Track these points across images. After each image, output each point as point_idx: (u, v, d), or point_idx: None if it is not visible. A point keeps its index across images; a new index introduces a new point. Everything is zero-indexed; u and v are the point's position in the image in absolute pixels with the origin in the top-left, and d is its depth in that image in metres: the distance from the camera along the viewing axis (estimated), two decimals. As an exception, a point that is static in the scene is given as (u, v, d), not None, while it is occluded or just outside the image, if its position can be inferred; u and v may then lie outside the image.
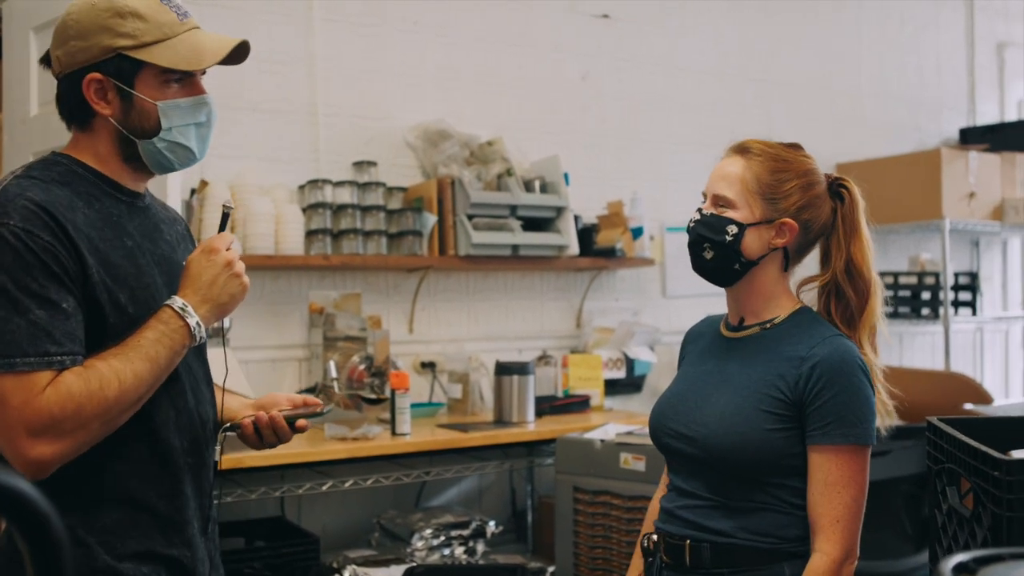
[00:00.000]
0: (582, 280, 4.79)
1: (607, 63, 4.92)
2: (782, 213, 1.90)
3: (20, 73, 3.45)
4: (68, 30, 1.62)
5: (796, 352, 1.86)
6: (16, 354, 1.44)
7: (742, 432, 1.84)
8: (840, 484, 1.80)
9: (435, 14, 4.44)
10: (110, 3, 1.60)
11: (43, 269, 1.48)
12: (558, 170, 4.35)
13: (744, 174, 1.91)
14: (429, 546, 3.63)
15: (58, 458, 1.46)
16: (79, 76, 1.61)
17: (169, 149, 1.66)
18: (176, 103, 1.65)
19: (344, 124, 4.19)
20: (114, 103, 1.63)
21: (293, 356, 4.02)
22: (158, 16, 1.62)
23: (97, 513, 1.57)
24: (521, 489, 4.41)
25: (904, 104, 6.04)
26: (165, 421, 1.63)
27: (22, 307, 1.46)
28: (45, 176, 1.59)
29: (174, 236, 1.79)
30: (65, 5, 3.15)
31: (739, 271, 1.93)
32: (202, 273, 1.62)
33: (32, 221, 1.48)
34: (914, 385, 4.78)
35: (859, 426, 1.81)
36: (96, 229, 1.57)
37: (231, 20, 3.89)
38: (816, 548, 1.80)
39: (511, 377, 3.89)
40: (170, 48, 1.62)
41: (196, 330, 1.59)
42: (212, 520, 1.78)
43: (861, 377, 1.83)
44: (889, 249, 5.80)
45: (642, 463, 3.18)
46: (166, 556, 1.63)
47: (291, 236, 3.81)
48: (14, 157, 3.49)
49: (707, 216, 1.93)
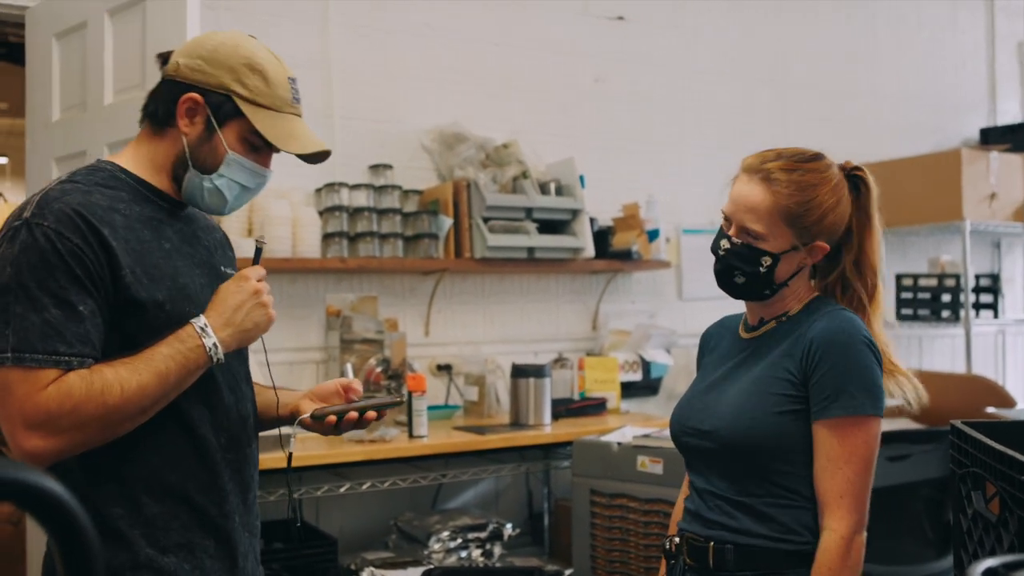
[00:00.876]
0: (598, 282, 4.79)
1: (621, 65, 4.92)
2: (814, 237, 1.87)
3: (43, 79, 3.47)
4: (203, 49, 1.70)
5: (801, 331, 1.85)
6: (27, 349, 1.50)
7: (753, 416, 1.82)
8: (842, 459, 1.77)
9: (449, 18, 4.44)
10: (251, 55, 1.70)
11: (66, 271, 1.52)
12: (573, 173, 4.34)
13: (771, 206, 1.84)
14: (446, 548, 3.63)
15: (52, 453, 1.51)
16: (184, 88, 1.69)
17: (209, 192, 1.72)
18: (242, 161, 1.72)
19: (360, 128, 4.20)
20: (196, 128, 1.70)
21: (310, 359, 4.03)
22: (279, 89, 1.71)
23: (140, 505, 1.61)
24: (538, 492, 4.41)
25: (923, 105, 6.01)
26: (201, 418, 1.68)
27: (40, 305, 1.51)
28: (88, 181, 1.64)
29: (212, 242, 1.84)
30: (85, 10, 3.18)
31: (769, 294, 1.92)
32: (228, 297, 1.67)
33: (65, 224, 1.54)
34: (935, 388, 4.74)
35: (858, 397, 1.77)
36: (134, 231, 1.63)
37: (248, 26, 3.90)
38: (824, 525, 1.78)
39: (527, 380, 3.89)
40: (271, 118, 1.70)
41: (212, 351, 1.62)
42: (256, 515, 1.82)
43: (861, 347, 1.80)
44: (908, 251, 5.77)
45: (659, 466, 3.17)
46: (207, 549, 1.67)
47: (308, 239, 3.82)
48: (36, 161, 3.52)
49: (739, 247, 1.89)
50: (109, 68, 3.14)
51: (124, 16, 3.11)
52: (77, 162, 3.13)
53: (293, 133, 1.72)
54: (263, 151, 1.74)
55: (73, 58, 3.32)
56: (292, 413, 1.88)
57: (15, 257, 1.53)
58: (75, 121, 3.31)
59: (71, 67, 3.34)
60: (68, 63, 3.36)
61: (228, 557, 1.71)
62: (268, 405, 1.91)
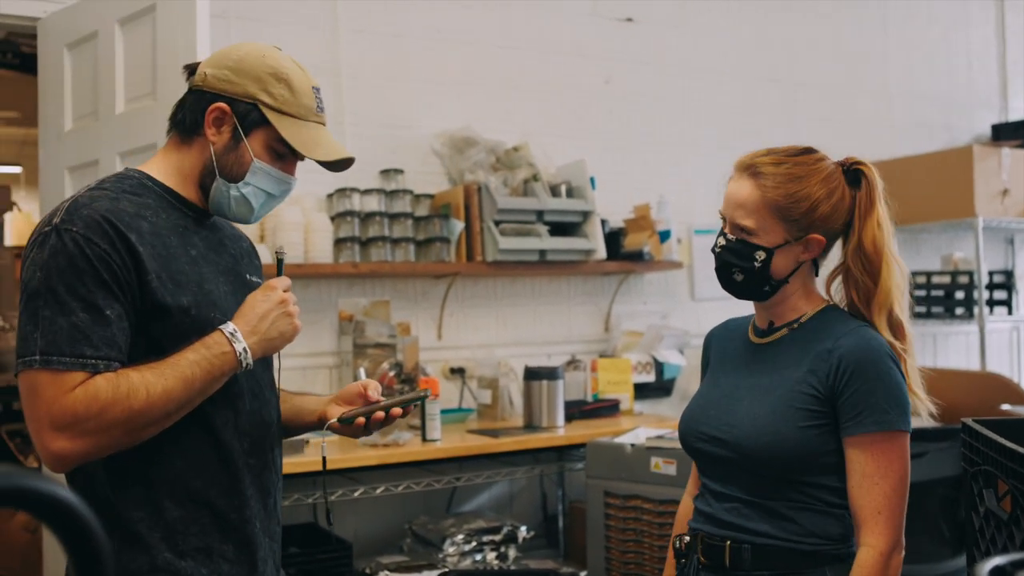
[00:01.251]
0: (610, 284, 4.79)
1: (630, 66, 4.92)
2: (807, 230, 1.87)
3: (55, 89, 3.50)
4: (229, 60, 1.74)
5: (823, 346, 1.84)
6: (54, 352, 1.52)
7: (777, 430, 1.82)
8: (877, 474, 1.77)
9: (458, 22, 4.46)
10: (276, 64, 1.74)
11: (94, 276, 1.56)
12: (584, 174, 4.35)
13: (759, 200, 1.87)
14: (461, 551, 3.64)
15: (78, 455, 1.54)
16: (211, 98, 1.73)
17: (236, 200, 1.75)
18: (268, 169, 1.75)
19: (371, 133, 4.22)
20: (223, 137, 1.73)
21: (323, 363, 4.04)
22: (303, 98, 1.74)
23: (162, 509, 1.64)
24: (552, 494, 4.41)
25: (934, 102, 5.99)
26: (224, 423, 1.70)
27: (67, 309, 1.54)
28: (116, 188, 1.68)
29: (238, 251, 1.87)
30: (96, 20, 3.20)
31: (770, 291, 1.92)
32: (256, 306, 1.69)
33: (93, 229, 1.57)
34: (949, 386, 4.73)
35: (891, 412, 1.78)
36: (161, 237, 1.66)
37: (259, 34, 3.92)
38: (861, 542, 1.78)
39: (540, 382, 3.90)
40: (296, 126, 1.73)
41: (243, 356, 1.64)
42: (277, 520, 1.83)
43: (889, 364, 1.80)
44: (921, 248, 5.76)
45: (673, 467, 3.17)
46: (225, 553, 1.69)
47: (320, 244, 3.84)
48: (49, 171, 3.54)
49: (732, 243, 1.90)
50: (120, 77, 3.16)
51: (134, 26, 3.13)
52: (90, 171, 3.15)
53: (318, 141, 1.75)
54: (288, 159, 1.77)
55: (84, 68, 3.35)
56: (320, 419, 1.90)
57: (45, 262, 1.56)
58: (87, 130, 3.33)
59: (82, 77, 3.36)
60: (80, 73, 3.38)
61: (247, 562, 1.72)
62: (297, 412, 1.94)
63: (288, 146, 1.73)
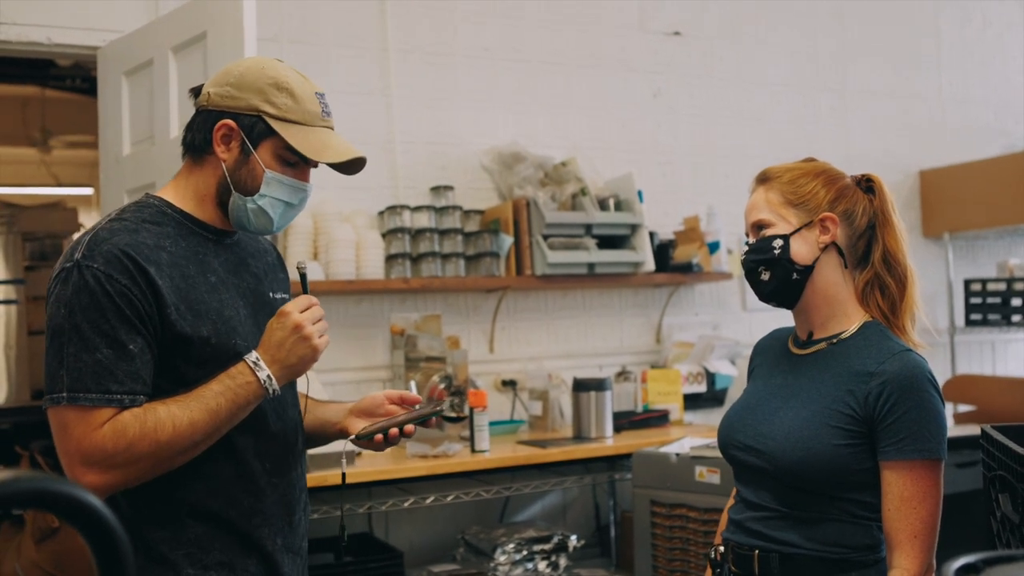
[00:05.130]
0: (660, 296, 4.82)
1: (679, 79, 4.95)
2: (816, 211, 1.95)
3: (114, 114, 3.64)
4: (230, 76, 1.77)
5: (865, 367, 1.87)
6: (81, 390, 1.57)
7: (810, 447, 1.85)
8: (916, 499, 1.80)
9: (505, 39, 4.53)
10: (276, 74, 1.76)
11: (116, 312, 1.60)
12: (632, 188, 4.38)
13: (769, 195, 1.99)
14: (512, 560, 3.69)
15: (108, 487, 1.59)
16: (217, 117, 1.75)
17: (255, 213, 1.77)
18: (281, 179, 1.77)
19: (420, 151, 4.31)
20: (233, 152, 1.76)
21: (376, 377, 4.13)
22: (307, 104, 1.76)
23: (183, 528, 1.68)
24: (604, 504, 4.45)
25: (989, 107, 5.91)
26: (246, 446, 1.74)
27: (92, 345, 1.59)
28: (136, 218, 1.72)
29: (262, 268, 1.90)
30: (151, 49, 3.33)
31: (799, 281, 1.95)
32: (272, 334, 1.71)
33: (113, 265, 1.61)
34: (1007, 393, 4.68)
35: (932, 440, 1.81)
36: (179, 267, 1.69)
37: (311, 57, 4.04)
38: (894, 564, 1.81)
39: (589, 393, 3.94)
40: (303, 133, 1.75)
41: (267, 383, 1.68)
42: (302, 536, 1.86)
43: (932, 392, 1.83)
44: (978, 256, 5.68)
45: (717, 476, 3.20)
46: (248, 568, 1.73)
47: (371, 261, 3.93)
48: (110, 194, 3.69)
49: (753, 244, 2.00)
50: (174, 103, 3.28)
51: (187, 53, 3.25)
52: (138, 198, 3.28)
53: (326, 144, 1.76)
54: (299, 166, 1.78)
55: (141, 94, 3.48)
56: (340, 431, 1.94)
57: (68, 299, 1.60)
58: (144, 154, 3.46)
59: (139, 103, 3.49)
60: (136, 99, 3.51)
61: None
62: (321, 424, 1.96)
63: (297, 153, 1.74)
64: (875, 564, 1.87)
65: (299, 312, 1.71)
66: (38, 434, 5.14)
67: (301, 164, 1.79)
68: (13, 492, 0.79)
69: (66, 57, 4.35)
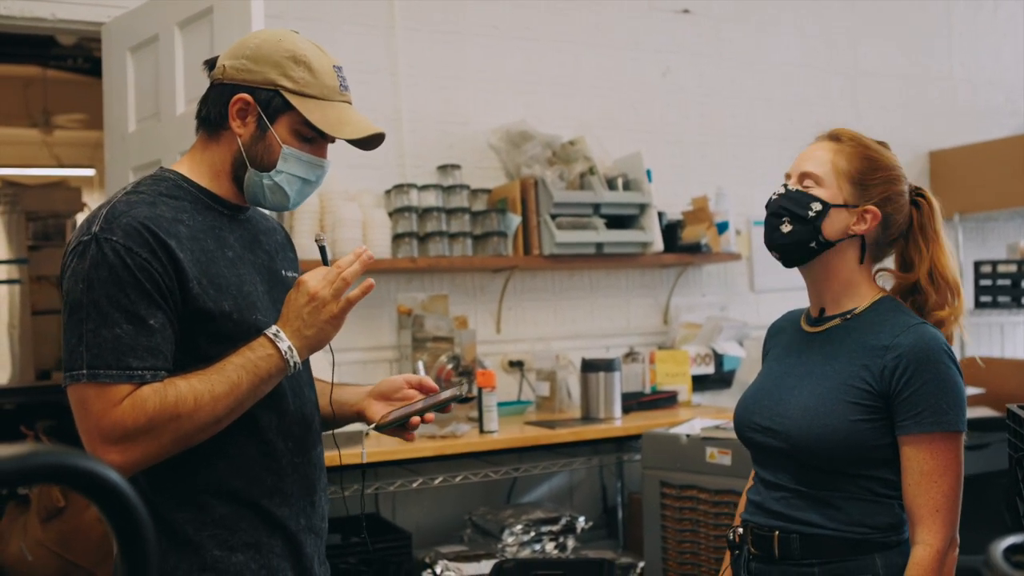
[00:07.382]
0: (668, 276, 4.79)
1: (688, 59, 4.91)
2: (867, 200, 1.90)
3: (119, 92, 3.60)
4: (246, 49, 1.72)
5: (879, 341, 1.84)
6: (100, 366, 1.53)
7: (827, 424, 1.83)
8: (936, 473, 1.78)
9: (514, 17, 4.49)
10: (293, 47, 1.71)
11: (136, 285, 1.55)
12: (641, 167, 4.35)
13: (835, 157, 1.92)
14: (520, 541, 3.68)
15: (130, 465, 1.54)
16: (233, 90, 1.71)
17: (271, 189, 1.73)
18: (298, 155, 1.72)
19: (428, 129, 4.27)
20: (249, 127, 1.71)
21: (383, 357, 4.11)
22: (325, 78, 1.71)
23: (208, 508, 1.65)
24: (612, 485, 4.43)
25: (999, 88, 5.86)
26: (268, 424, 1.70)
27: (111, 321, 1.54)
28: (152, 191, 1.68)
29: (273, 246, 1.86)
30: (156, 24, 3.29)
31: (814, 250, 1.91)
32: (290, 305, 1.67)
33: (133, 238, 1.57)
34: (1017, 376, 4.65)
35: (950, 412, 1.78)
36: (199, 241, 1.66)
37: (318, 33, 3.97)
38: (918, 539, 1.79)
39: (597, 374, 3.92)
40: (321, 108, 1.70)
41: (288, 354, 1.63)
42: (322, 516, 1.83)
43: (948, 363, 1.81)
44: (988, 237, 5.65)
45: (728, 457, 3.17)
46: (274, 548, 1.71)
47: (378, 240, 3.90)
48: (115, 171, 3.65)
49: (792, 191, 1.93)
50: (180, 79, 3.24)
51: (193, 29, 3.21)
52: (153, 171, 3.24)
53: (345, 120, 1.72)
54: (317, 142, 1.74)
55: (146, 70, 3.44)
56: (358, 414, 1.90)
57: (86, 273, 1.55)
58: (150, 131, 3.43)
59: (145, 79, 3.45)
60: (142, 75, 3.47)
61: (293, 557, 1.74)
62: (338, 406, 1.92)
63: (315, 128, 1.70)
64: (897, 545, 1.84)
65: (315, 282, 1.66)
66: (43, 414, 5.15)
67: (319, 140, 1.74)
68: (31, 466, 0.76)
69: (70, 33, 4.30)
